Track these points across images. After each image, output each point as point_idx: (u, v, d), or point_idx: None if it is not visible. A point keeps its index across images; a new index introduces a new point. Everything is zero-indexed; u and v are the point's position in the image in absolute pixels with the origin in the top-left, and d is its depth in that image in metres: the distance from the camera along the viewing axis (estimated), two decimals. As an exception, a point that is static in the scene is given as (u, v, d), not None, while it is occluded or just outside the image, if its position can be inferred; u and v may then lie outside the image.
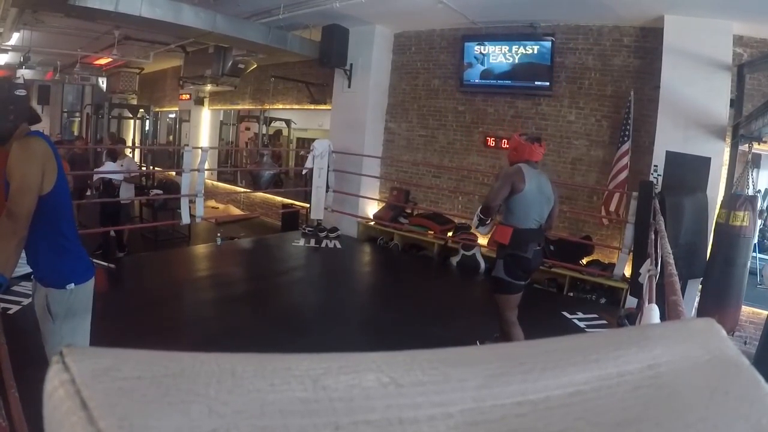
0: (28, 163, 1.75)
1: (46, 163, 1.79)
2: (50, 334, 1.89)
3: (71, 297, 1.90)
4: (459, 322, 4.36)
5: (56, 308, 1.87)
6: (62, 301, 1.88)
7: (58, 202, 1.86)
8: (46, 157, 1.80)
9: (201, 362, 0.26)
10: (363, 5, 5.73)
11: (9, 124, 1.82)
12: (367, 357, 0.29)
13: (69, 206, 1.96)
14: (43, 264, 1.89)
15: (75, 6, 5.03)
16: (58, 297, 1.87)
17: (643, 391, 0.31)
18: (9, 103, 1.82)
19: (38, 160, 1.77)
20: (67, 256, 1.92)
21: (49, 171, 1.80)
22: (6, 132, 1.83)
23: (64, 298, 1.88)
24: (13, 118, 1.83)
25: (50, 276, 1.89)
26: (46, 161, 1.80)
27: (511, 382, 0.29)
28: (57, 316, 1.87)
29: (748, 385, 0.34)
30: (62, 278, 1.89)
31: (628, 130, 5.47)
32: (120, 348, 0.27)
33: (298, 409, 0.25)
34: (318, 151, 7.14)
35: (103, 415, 0.23)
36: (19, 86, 1.88)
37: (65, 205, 1.92)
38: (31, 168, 1.75)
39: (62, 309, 1.88)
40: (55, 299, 1.87)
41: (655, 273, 2.44)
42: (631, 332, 0.38)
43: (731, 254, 4.35)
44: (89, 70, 11.72)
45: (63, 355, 0.25)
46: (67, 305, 1.89)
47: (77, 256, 1.96)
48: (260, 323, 3.99)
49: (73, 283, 1.91)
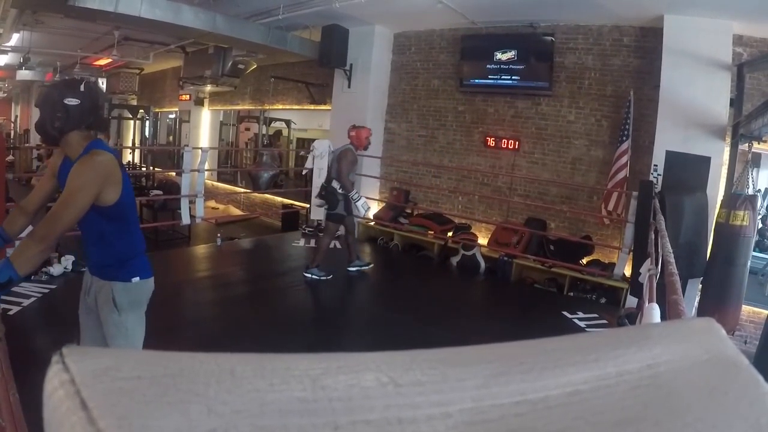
0: (84, 181, 1.78)
1: (108, 178, 1.83)
2: (115, 326, 1.98)
3: (135, 289, 2.01)
4: (459, 322, 4.36)
5: (121, 300, 1.97)
6: (127, 294, 1.99)
7: (126, 208, 1.96)
8: (108, 172, 1.84)
9: (200, 362, 0.26)
10: (363, 5, 5.74)
11: (54, 131, 1.84)
12: (366, 357, 0.29)
13: (135, 211, 2.11)
14: (112, 260, 1.99)
15: (75, 6, 5.03)
16: (123, 289, 1.98)
17: (642, 391, 0.31)
18: (56, 111, 1.82)
19: (97, 179, 1.80)
20: (135, 253, 2.04)
21: (112, 184, 1.85)
22: (50, 138, 1.86)
23: (130, 291, 1.99)
24: (60, 125, 1.83)
25: (118, 271, 1.99)
26: (108, 176, 1.83)
27: (509, 381, 0.29)
28: (122, 307, 1.97)
29: (747, 385, 0.34)
30: (129, 273, 2.00)
31: (628, 130, 5.47)
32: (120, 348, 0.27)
33: (297, 408, 0.25)
34: (318, 151, 7.13)
35: (103, 415, 0.23)
36: (74, 94, 1.84)
37: (132, 209, 2.04)
38: (86, 187, 1.78)
39: (126, 301, 1.98)
40: (120, 292, 1.97)
41: (656, 272, 2.44)
42: (630, 332, 0.38)
43: (731, 254, 4.35)
44: (89, 71, 11.71)
45: (63, 355, 0.25)
46: (131, 297, 2.00)
47: (142, 255, 2.08)
48: (260, 323, 3.99)
49: (138, 277, 2.01)
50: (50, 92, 1.86)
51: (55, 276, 4.43)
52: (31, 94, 15.88)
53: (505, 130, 6.63)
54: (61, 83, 1.93)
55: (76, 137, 1.86)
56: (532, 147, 6.43)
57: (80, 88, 1.86)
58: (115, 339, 1.98)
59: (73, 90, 1.84)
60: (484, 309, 5.14)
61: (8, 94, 17.67)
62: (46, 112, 1.82)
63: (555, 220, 6.32)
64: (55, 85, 2.03)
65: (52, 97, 1.83)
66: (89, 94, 1.88)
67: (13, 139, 16.48)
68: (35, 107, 1.92)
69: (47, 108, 1.82)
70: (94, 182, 1.79)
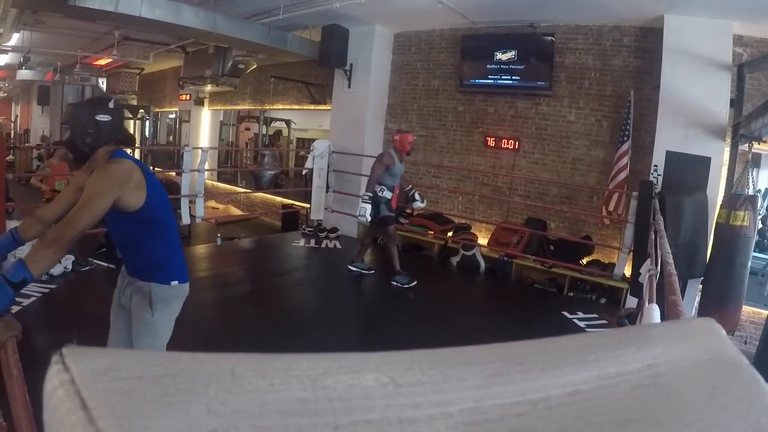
0: (101, 187, 1.81)
1: (125, 184, 1.84)
2: (146, 325, 2.02)
3: (172, 292, 2.06)
4: (458, 322, 4.36)
5: (157, 301, 2.01)
6: (164, 295, 2.03)
7: (155, 212, 1.97)
8: (125, 178, 1.85)
9: (200, 362, 0.26)
10: (363, 5, 5.74)
11: (85, 148, 1.89)
12: (366, 357, 0.29)
13: (169, 214, 2.10)
14: (150, 263, 2.02)
15: (75, 6, 5.03)
16: (161, 292, 2.02)
17: (643, 391, 0.31)
18: (88, 127, 1.87)
19: (113, 186, 1.82)
20: (173, 257, 2.09)
21: (132, 189, 1.86)
22: (81, 155, 1.91)
23: (166, 293, 2.04)
24: (91, 141, 1.88)
25: (156, 273, 2.03)
26: (126, 182, 1.85)
27: (510, 381, 0.29)
28: (156, 309, 2.01)
29: (747, 385, 0.34)
30: (167, 276, 2.04)
31: (628, 130, 5.47)
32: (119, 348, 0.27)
33: (298, 408, 0.25)
34: (318, 151, 7.14)
35: (103, 414, 0.23)
36: (104, 110, 1.92)
37: (164, 213, 2.05)
38: (101, 193, 1.80)
39: (161, 302, 2.03)
40: (157, 293, 2.01)
41: (656, 273, 2.44)
42: (630, 332, 0.38)
43: (731, 254, 4.35)
44: (89, 71, 11.73)
45: (62, 355, 0.25)
46: (166, 299, 2.04)
47: (180, 259, 2.13)
48: (260, 323, 3.99)
49: (177, 281, 2.06)
50: (80, 110, 1.92)
51: (55, 276, 4.43)
52: (31, 93, 15.88)
53: (505, 130, 6.63)
54: (90, 101, 2.01)
55: (102, 152, 1.92)
56: (532, 147, 6.44)
57: (110, 105, 1.94)
58: (142, 338, 2.02)
59: (103, 107, 1.92)
60: (484, 309, 5.14)
61: (8, 93, 17.66)
62: (77, 130, 1.87)
63: (555, 220, 6.32)
64: (84, 103, 2.10)
65: (83, 114, 1.89)
66: (118, 111, 1.98)
67: (13, 138, 16.47)
68: (63, 125, 1.95)
69: (78, 125, 1.87)
70: (109, 188, 1.81)
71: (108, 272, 4.77)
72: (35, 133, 15.61)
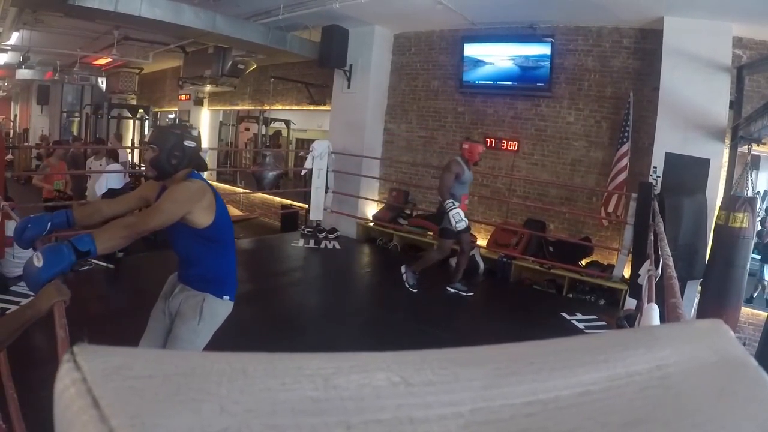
0: (178, 198, 1.99)
1: (198, 201, 2.02)
2: (190, 331, 2.14)
3: (222, 306, 2.20)
4: (458, 323, 4.36)
5: (207, 311, 2.14)
6: (214, 307, 2.17)
7: (221, 232, 2.15)
8: (199, 196, 2.02)
9: (212, 361, 0.26)
10: (363, 6, 5.74)
11: (170, 168, 2.07)
12: (377, 357, 0.29)
13: (231, 236, 2.28)
14: (208, 277, 2.18)
15: (74, 6, 5.03)
16: (213, 303, 2.16)
17: (652, 392, 0.31)
18: (175, 150, 2.05)
19: (187, 200, 1.99)
20: (230, 274, 2.26)
21: (203, 208, 2.04)
22: (164, 173, 2.08)
23: (217, 305, 2.18)
24: (176, 163, 2.07)
25: (212, 286, 2.17)
26: (199, 200, 2.02)
27: (520, 381, 0.29)
28: (204, 318, 2.14)
29: (755, 386, 0.34)
30: (221, 290, 2.19)
31: (628, 132, 5.47)
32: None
33: (309, 408, 0.25)
34: (317, 151, 7.13)
35: (115, 413, 0.22)
36: (190, 137, 2.11)
37: (227, 234, 2.23)
38: (177, 201, 1.98)
39: (210, 313, 2.15)
40: (209, 303, 2.15)
41: (655, 274, 2.44)
42: (639, 333, 0.38)
43: (731, 256, 4.35)
44: (89, 70, 11.72)
45: (74, 353, 0.25)
46: (214, 311, 2.17)
47: (234, 278, 2.29)
48: (259, 324, 3.99)
49: (228, 296, 2.22)
50: (170, 134, 2.10)
51: (54, 276, 4.42)
52: (30, 93, 15.87)
53: (504, 131, 6.63)
54: (178, 126, 2.29)
55: (182, 173, 2.10)
56: (532, 148, 6.44)
57: (194, 133, 2.14)
58: (182, 343, 2.12)
59: (190, 134, 2.12)
60: (484, 310, 5.14)
61: (8, 93, 17.64)
62: (166, 151, 2.04)
63: (554, 221, 6.32)
64: (174, 127, 2.32)
65: (172, 138, 2.07)
66: (199, 139, 2.17)
67: (12, 138, 16.45)
68: (150, 144, 2.08)
69: (167, 147, 2.04)
70: (184, 201, 1.98)
71: (107, 272, 4.77)
72: (34, 132, 15.60)
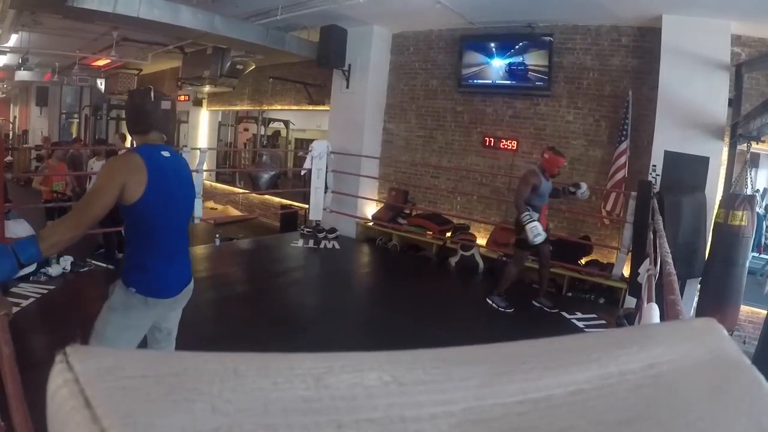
0: (101, 173, 1.89)
1: (129, 173, 1.82)
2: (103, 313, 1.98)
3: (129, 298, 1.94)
4: (457, 322, 4.36)
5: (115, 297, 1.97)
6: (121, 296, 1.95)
7: (147, 217, 1.87)
8: (129, 168, 1.83)
9: (204, 361, 0.26)
10: (361, 6, 5.74)
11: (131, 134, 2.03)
12: (369, 356, 0.29)
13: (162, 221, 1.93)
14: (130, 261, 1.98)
15: (73, 7, 5.03)
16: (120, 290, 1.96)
17: (645, 390, 0.31)
18: (128, 113, 2.03)
19: (113, 171, 1.85)
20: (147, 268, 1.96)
21: (132, 183, 1.81)
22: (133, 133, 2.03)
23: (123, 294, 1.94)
24: (129, 128, 2.03)
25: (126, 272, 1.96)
26: (129, 171, 1.82)
27: (512, 380, 0.29)
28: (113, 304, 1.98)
29: (749, 385, 0.34)
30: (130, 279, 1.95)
31: (626, 130, 5.48)
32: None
33: (301, 407, 0.25)
34: (316, 151, 7.14)
35: (107, 413, 0.23)
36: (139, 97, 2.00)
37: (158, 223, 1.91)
38: (101, 177, 1.85)
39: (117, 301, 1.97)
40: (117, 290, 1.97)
41: (655, 273, 2.44)
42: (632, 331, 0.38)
43: (730, 254, 4.36)
44: (87, 72, 11.71)
45: (66, 354, 0.25)
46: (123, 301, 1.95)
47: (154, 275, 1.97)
48: (259, 324, 3.99)
49: (135, 289, 1.93)
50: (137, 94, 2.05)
51: (53, 277, 4.43)
52: (29, 94, 15.86)
53: (503, 131, 6.63)
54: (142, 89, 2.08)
55: (144, 141, 1.99)
56: (531, 147, 6.44)
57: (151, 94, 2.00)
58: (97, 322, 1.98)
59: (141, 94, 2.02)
60: (483, 309, 5.14)
61: (7, 94, 17.63)
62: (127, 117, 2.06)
63: (554, 220, 6.31)
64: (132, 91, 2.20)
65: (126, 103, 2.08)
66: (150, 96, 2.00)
67: (11, 139, 16.45)
68: None
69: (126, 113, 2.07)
70: (110, 173, 1.85)
71: (106, 273, 4.77)
72: (34, 133, 15.60)
